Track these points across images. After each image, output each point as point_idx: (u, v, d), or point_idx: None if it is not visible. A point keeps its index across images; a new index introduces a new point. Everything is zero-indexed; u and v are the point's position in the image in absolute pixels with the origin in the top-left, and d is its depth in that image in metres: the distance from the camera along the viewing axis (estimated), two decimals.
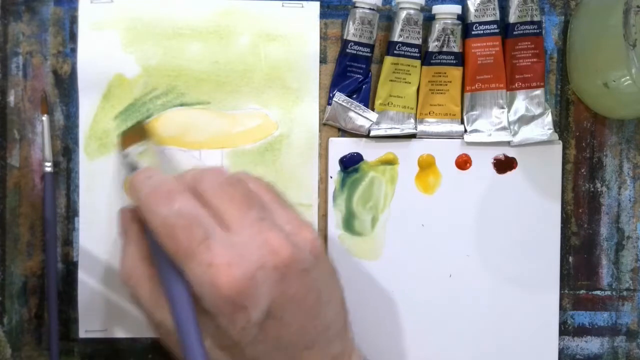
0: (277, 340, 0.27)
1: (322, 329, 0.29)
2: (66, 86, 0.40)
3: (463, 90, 0.41)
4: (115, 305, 0.40)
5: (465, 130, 0.41)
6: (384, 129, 0.40)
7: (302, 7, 0.40)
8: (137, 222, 0.30)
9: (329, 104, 0.40)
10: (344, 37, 0.40)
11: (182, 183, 0.29)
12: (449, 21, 0.39)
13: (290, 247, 0.27)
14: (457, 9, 0.40)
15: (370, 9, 0.39)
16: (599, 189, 0.42)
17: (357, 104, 0.40)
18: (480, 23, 0.40)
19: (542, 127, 0.41)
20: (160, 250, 0.28)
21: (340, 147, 0.40)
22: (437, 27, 0.40)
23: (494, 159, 0.41)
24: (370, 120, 0.40)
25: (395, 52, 0.40)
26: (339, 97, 0.40)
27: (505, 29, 0.40)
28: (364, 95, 0.40)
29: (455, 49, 0.40)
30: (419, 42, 0.40)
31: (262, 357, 0.28)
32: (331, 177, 0.40)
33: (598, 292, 0.42)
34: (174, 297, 0.27)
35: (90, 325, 0.40)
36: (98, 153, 0.40)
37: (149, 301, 0.29)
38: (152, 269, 0.29)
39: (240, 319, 0.26)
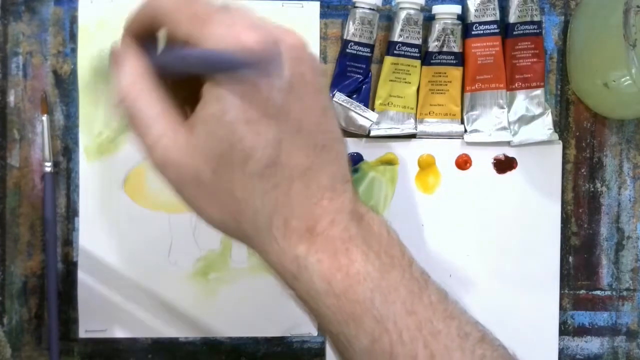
0: (297, 123, 0.26)
1: (336, 136, 0.28)
2: (66, 86, 0.40)
3: (463, 90, 0.41)
4: (115, 305, 0.40)
5: (465, 130, 0.41)
6: (384, 129, 0.40)
7: (302, 7, 0.40)
8: (133, 46, 0.29)
9: None
10: (344, 37, 0.40)
11: None
12: (449, 21, 0.39)
13: (300, 37, 0.27)
14: (457, 9, 0.40)
15: (370, 9, 0.39)
16: (599, 189, 0.42)
17: (357, 104, 0.40)
18: (480, 23, 0.40)
19: (542, 127, 0.41)
20: (171, 48, 0.27)
21: None
22: (437, 27, 0.40)
23: (494, 159, 0.41)
24: (370, 120, 0.40)
25: (395, 52, 0.40)
26: (339, 97, 0.40)
27: (505, 29, 0.40)
28: (364, 95, 0.40)
29: (455, 49, 0.40)
30: (419, 42, 0.40)
31: (284, 140, 0.26)
32: None
33: (598, 292, 0.42)
34: (201, 52, 0.26)
35: (90, 325, 0.40)
36: (98, 153, 0.40)
37: (148, 113, 0.27)
38: (149, 84, 0.27)
39: (265, 84, 0.25)
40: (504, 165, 0.41)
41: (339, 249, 0.26)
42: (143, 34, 0.28)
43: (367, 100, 0.40)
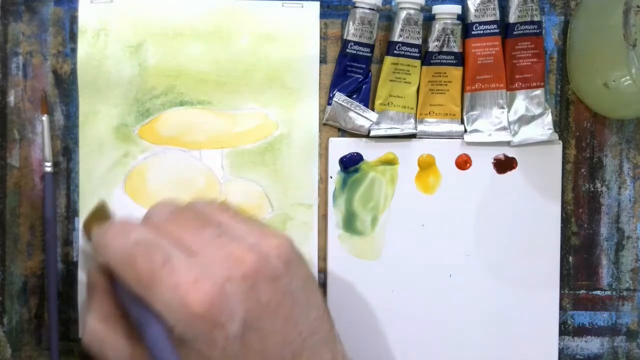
0: (261, 354, 0.26)
1: (306, 335, 0.28)
2: (66, 86, 0.40)
3: (463, 90, 0.41)
4: None
5: (465, 130, 0.41)
6: (384, 129, 0.40)
7: (302, 7, 0.40)
8: (104, 278, 0.29)
9: (329, 104, 0.40)
10: (344, 37, 0.40)
11: (134, 220, 0.29)
12: (449, 21, 0.39)
13: (255, 255, 0.26)
14: (457, 9, 0.40)
15: (370, 9, 0.39)
16: (599, 189, 0.42)
17: (357, 104, 0.40)
18: (480, 23, 0.40)
19: (542, 127, 0.41)
20: (128, 293, 0.27)
21: (340, 147, 0.40)
22: (437, 27, 0.40)
23: (494, 159, 0.41)
24: (370, 120, 0.40)
25: (395, 52, 0.40)
26: (339, 97, 0.40)
27: (505, 29, 0.40)
28: (364, 95, 0.40)
29: (455, 49, 0.40)
30: (419, 42, 0.40)
31: None
32: (331, 177, 0.40)
33: (598, 292, 0.42)
34: (149, 338, 0.26)
35: None
36: (98, 153, 0.40)
37: (115, 357, 0.28)
38: (117, 325, 0.28)
39: (219, 336, 0.25)
40: (504, 165, 0.41)
41: None
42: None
43: (367, 100, 0.40)
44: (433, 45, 0.40)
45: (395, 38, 0.39)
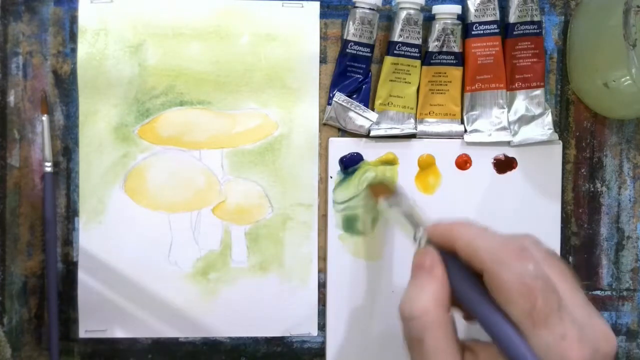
0: None
1: None
2: (66, 86, 0.40)
3: (463, 90, 0.41)
4: (115, 305, 0.40)
5: (465, 130, 0.41)
6: (384, 129, 0.40)
7: (302, 7, 0.40)
8: (443, 265, 0.29)
9: (329, 104, 0.40)
10: (344, 37, 0.40)
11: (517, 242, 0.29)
12: (449, 21, 0.39)
13: (615, 340, 0.27)
14: (457, 9, 0.40)
15: (370, 9, 0.39)
16: (599, 189, 0.42)
17: (357, 104, 0.40)
18: (480, 23, 0.40)
19: (542, 127, 0.41)
20: (484, 300, 0.27)
21: (340, 147, 0.40)
22: (437, 27, 0.40)
23: (494, 159, 0.41)
24: (370, 120, 0.40)
25: (395, 52, 0.40)
26: (339, 97, 0.40)
27: (505, 29, 0.40)
28: (364, 95, 0.40)
29: (455, 49, 0.40)
30: (419, 42, 0.40)
31: None
32: (331, 177, 0.40)
33: (598, 292, 0.42)
34: (507, 344, 0.26)
35: (90, 325, 0.40)
36: (98, 153, 0.40)
37: (434, 348, 0.27)
38: (446, 316, 0.28)
39: None
40: (504, 165, 0.41)
41: None
42: (443, 246, 0.29)
43: (367, 100, 0.40)
44: (433, 45, 0.40)
45: (395, 38, 0.39)
